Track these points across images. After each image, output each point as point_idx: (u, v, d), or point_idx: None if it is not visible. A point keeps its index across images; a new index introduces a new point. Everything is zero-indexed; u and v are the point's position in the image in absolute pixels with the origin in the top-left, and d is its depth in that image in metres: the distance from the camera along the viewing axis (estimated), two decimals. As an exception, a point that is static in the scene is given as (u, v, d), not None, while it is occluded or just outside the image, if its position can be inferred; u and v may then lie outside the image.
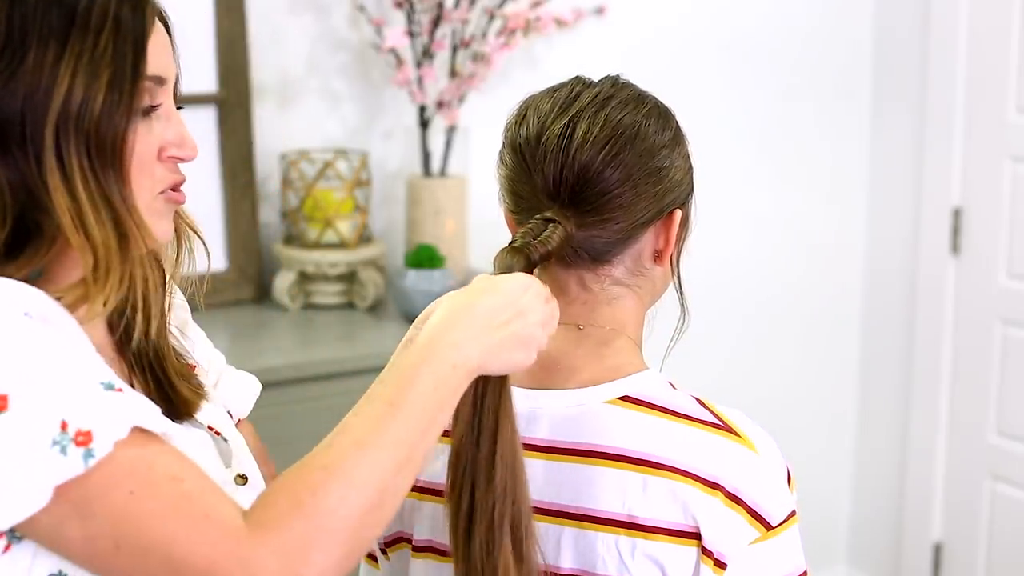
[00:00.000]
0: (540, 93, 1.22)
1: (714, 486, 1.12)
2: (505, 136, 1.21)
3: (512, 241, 1.14)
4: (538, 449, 1.16)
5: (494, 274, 1.11)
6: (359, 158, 2.47)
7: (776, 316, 3.18)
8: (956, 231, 3.01)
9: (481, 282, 1.08)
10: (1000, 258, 2.93)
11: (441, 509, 1.19)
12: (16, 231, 0.97)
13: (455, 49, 2.51)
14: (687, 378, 1.36)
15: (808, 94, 3.11)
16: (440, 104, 2.48)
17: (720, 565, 1.11)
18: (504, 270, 1.11)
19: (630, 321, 1.21)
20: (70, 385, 0.92)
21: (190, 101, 2.39)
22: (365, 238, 2.49)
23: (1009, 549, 2.98)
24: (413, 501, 1.22)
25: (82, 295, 0.97)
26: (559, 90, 1.21)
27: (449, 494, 1.11)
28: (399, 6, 2.45)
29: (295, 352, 2.27)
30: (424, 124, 2.51)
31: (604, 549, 1.13)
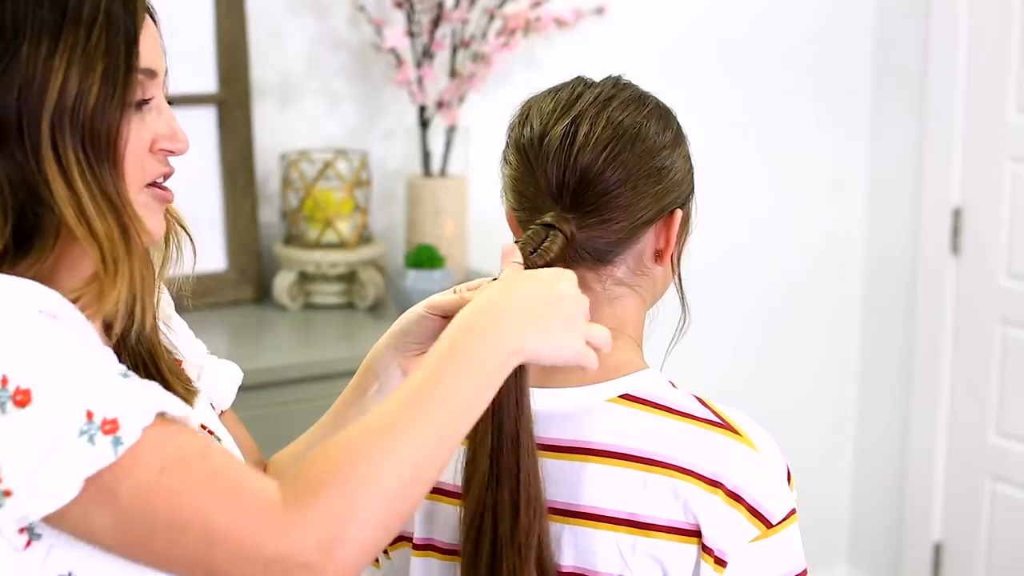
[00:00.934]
0: (542, 93, 1.23)
1: (715, 484, 1.12)
2: (509, 136, 1.22)
3: None
4: (539, 447, 1.16)
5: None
6: (359, 158, 2.47)
7: (776, 316, 3.18)
8: (956, 231, 3.01)
9: (513, 274, 1.08)
10: (1000, 258, 2.93)
11: (439, 506, 1.20)
12: (18, 230, 0.98)
13: (455, 49, 2.51)
14: (688, 377, 1.36)
15: (808, 94, 3.11)
16: (440, 104, 2.48)
17: (720, 563, 1.11)
18: None
19: (631, 320, 1.21)
20: (90, 376, 0.93)
21: (190, 101, 2.40)
22: (365, 238, 2.49)
23: (1009, 549, 2.98)
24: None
25: (97, 292, 0.98)
26: (561, 90, 1.21)
27: (465, 494, 1.12)
28: (399, 6, 2.45)
29: (295, 352, 2.27)
30: (424, 124, 2.51)
31: (604, 547, 1.13)
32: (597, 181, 1.15)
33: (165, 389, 1.04)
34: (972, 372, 3.01)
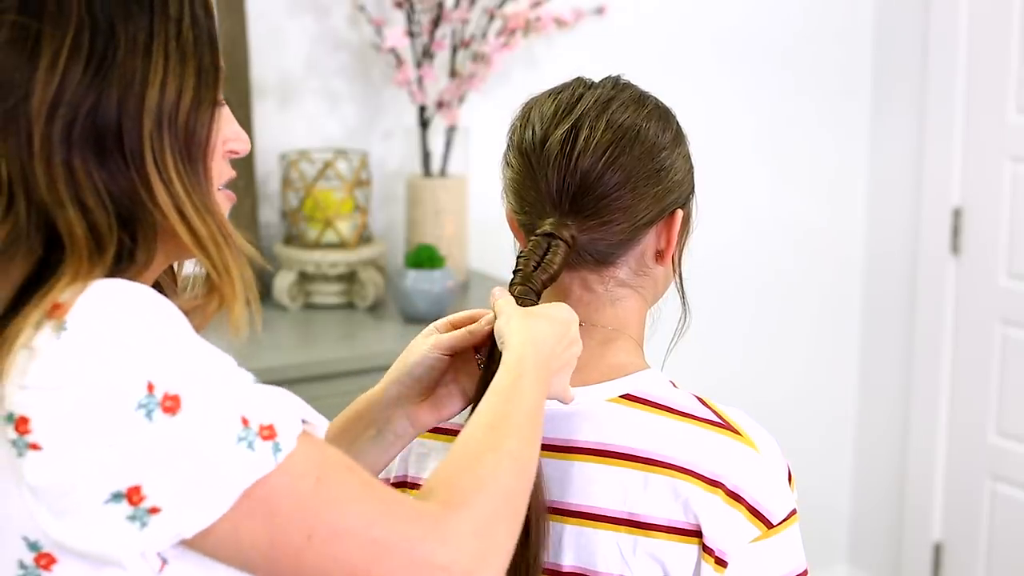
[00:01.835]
0: (542, 95, 1.22)
1: (715, 484, 1.12)
2: (510, 139, 1.22)
3: (516, 268, 1.15)
4: (541, 446, 1.16)
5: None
6: (359, 158, 2.47)
7: (776, 316, 3.18)
8: (956, 231, 3.01)
9: (537, 310, 1.11)
10: (1000, 258, 2.93)
11: None
12: (120, 242, 0.93)
13: (455, 49, 2.51)
14: (688, 377, 1.36)
15: (808, 94, 3.11)
16: (440, 104, 2.48)
17: (721, 563, 1.11)
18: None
19: (632, 321, 1.21)
20: (237, 381, 0.90)
21: (190, 101, 2.39)
22: (365, 238, 2.49)
23: (1009, 549, 2.98)
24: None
25: (218, 303, 0.95)
26: (561, 92, 1.21)
27: None
28: (399, 6, 2.45)
29: (295, 352, 2.27)
30: (424, 124, 2.51)
31: (605, 547, 1.13)
32: (597, 185, 1.15)
33: None
34: (972, 372, 3.01)
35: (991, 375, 2.97)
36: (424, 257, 2.35)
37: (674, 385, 1.20)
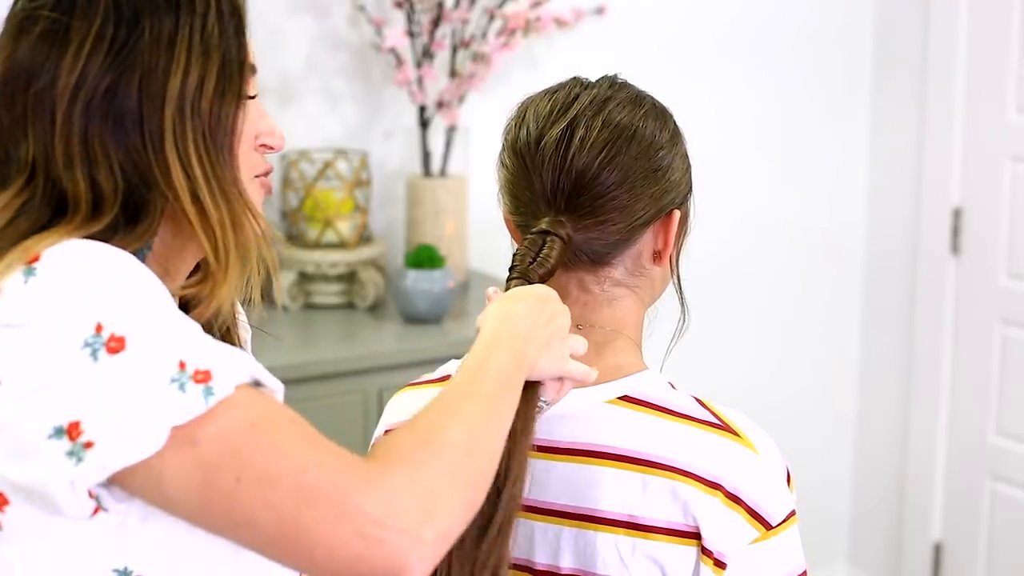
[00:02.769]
0: (538, 94, 1.22)
1: (714, 486, 1.12)
2: (505, 139, 1.21)
3: (512, 265, 1.15)
4: (538, 449, 1.16)
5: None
6: (359, 158, 2.47)
7: (776, 316, 3.18)
8: (956, 231, 3.01)
9: (511, 292, 1.10)
10: (1000, 258, 2.93)
11: None
12: (123, 212, 0.98)
13: (455, 49, 2.51)
14: (687, 378, 1.36)
15: (808, 94, 3.11)
16: (440, 104, 2.48)
17: (720, 565, 1.11)
18: None
19: (630, 321, 1.21)
20: (186, 330, 0.92)
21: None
22: (365, 238, 2.49)
23: (1009, 549, 2.98)
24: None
25: (210, 288, 0.98)
26: (557, 92, 1.21)
27: None
28: (399, 6, 2.45)
29: (295, 352, 2.27)
30: (424, 124, 2.51)
31: (604, 549, 1.13)
32: (593, 184, 1.15)
33: None
34: (972, 372, 3.01)
35: (991, 375, 2.97)
36: (424, 257, 2.35)
37: (672, 386, 1.20)
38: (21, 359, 0.89)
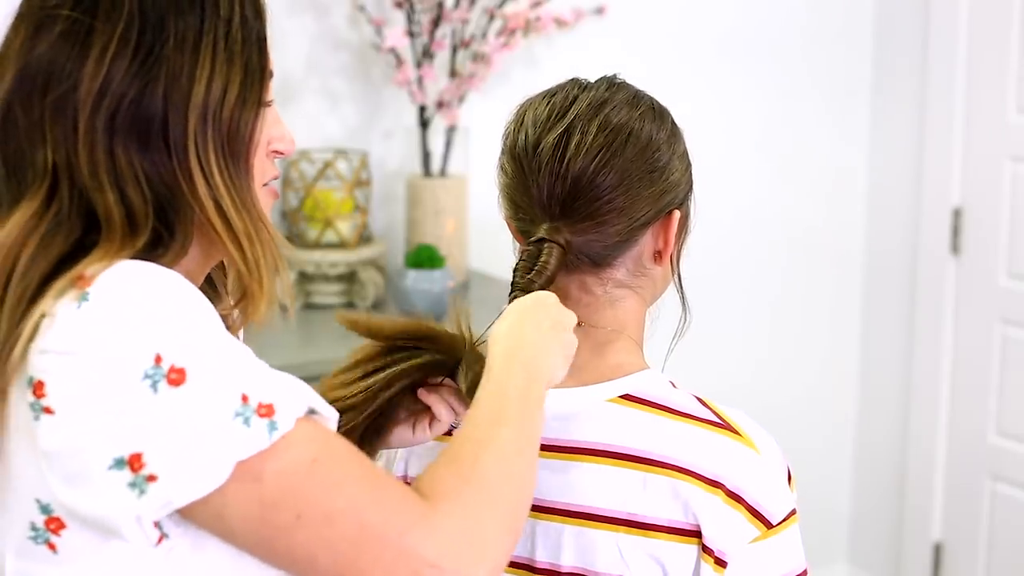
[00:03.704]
0: (536, 97, 1.22)
1: (715, 484, 1.12)
2: (504, 143, 1.21)
3: (513, 280, 1.15)
4: (539, 448, 1.16)
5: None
6: (359, 158, 2.47)
7: (776, 316, 3.18)
8: (956, 231, 3.01)
9: (515, 304, 1.10)
10: (1000, 258, 2.93)
11: None
12: (155, 229, 0.96)
13: (455, 49, 2.51)
14: (688, 377, 1.36)
15: (808, 93, 3.11)
16: (440, 104, 2.48)
17: (720, 563, 1.11)
18: None
19: (631, 321, 1.21)
20: (244, 360, 0.92)
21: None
22: (365, 238, 2.49)
23: (1009, 549, 2.98)
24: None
25: (248, 304, 0.98)
26: (556, 94, 1.20)
27: None
28: (399, 6, 2.45)
29: (295, 352, 2.26)
30: (424, 124, 2.51)
31: (605, 547, 1.13)
32: (589, 188, 1.14)
33: None
34: (972, 372, 3.01)
35: (991, 375, 2.97)
36: (424, 257, 2.35)
37: (674, 385, 1.20)
38: (77, 387, 0.88)
